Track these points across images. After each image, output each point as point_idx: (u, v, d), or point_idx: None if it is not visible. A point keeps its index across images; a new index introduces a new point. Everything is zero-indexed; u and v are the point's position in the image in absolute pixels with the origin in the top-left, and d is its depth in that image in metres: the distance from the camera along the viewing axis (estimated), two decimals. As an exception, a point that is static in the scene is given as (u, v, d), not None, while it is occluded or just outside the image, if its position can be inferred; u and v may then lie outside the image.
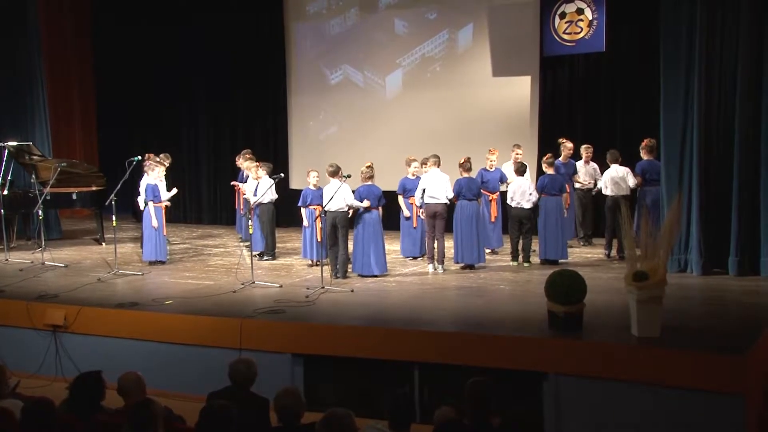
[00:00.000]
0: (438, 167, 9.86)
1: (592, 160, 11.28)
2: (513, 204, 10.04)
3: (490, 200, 10.85)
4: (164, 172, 11.20)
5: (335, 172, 9.43)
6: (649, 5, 10.58)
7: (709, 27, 8.86)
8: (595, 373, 6.35)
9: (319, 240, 9.64)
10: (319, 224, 9.65)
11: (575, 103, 12.56)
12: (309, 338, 7.37)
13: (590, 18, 12.11)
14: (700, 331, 6.89)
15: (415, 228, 10.55)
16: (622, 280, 6.83)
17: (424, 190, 9.81)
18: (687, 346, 6.35)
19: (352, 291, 8.73)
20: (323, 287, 8.67)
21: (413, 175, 10.52)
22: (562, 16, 12.32)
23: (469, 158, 9.97)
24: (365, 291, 8.83)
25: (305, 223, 10.14)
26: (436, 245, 9.82)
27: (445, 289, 8.91)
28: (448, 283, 9.17)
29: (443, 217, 9.78)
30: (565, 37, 12.31)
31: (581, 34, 12.19)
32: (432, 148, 10.87)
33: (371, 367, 7.07)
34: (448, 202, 9.78)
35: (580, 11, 12.18)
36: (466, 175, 9.86)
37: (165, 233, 10.68)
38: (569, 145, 11.22)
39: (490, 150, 10.98)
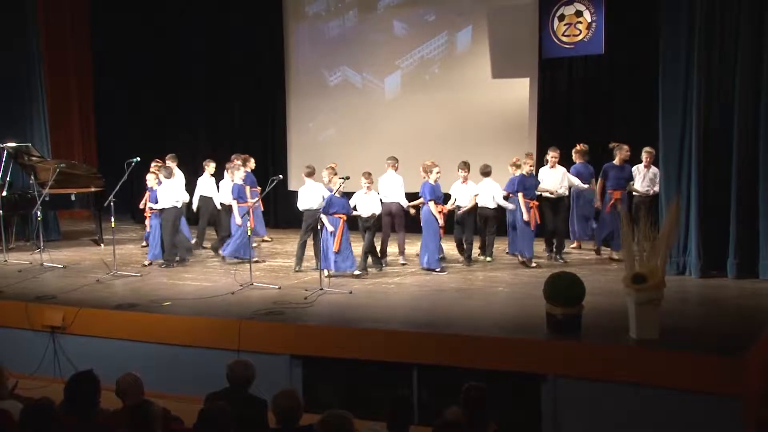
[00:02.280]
0: (394, 170, 10.38)
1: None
2: (482, 204, 10.36)
3: (531, 207, 10.19)
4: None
5: (311, 173, 10.02)
6: (647, 7, 10.59)
7: (708, 29, 8.86)
8: (593, 375, 6.36)
9: (336, 250, 9.43)
10: (339, 233, 9.46)
11: (574, 105, 12.55)
12: (307, 340, 7.37)
13: (589, 20, 12.11)
14: (698, 333, 6.91)
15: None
16: (620, 282, 6.84)
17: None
18: (685, 348, 6.36)
19: (351, 292, 8.73)
20: (321, 288, 8.67)
21: (435, 181, 10.04)
22: (561, 18, 12.31)
23: (433, 162, 10.33)
24: (363, 292, 8.83)
25: (330, 229, 9.50)
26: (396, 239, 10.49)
27: (443, 291, 8.91)
28: (446, 285, 9.17)
29: (400, 216, 10.38)
30: (564, 39, 12.31)
31: (580, 37, 12.19)
32: (431, 150, 10.87)
33: (370, 368, 7.07)
34: (400, 202, 10.34)
35: (578, 13, 12.18)
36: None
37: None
38: (625, 150, 10.54)
39: (527, 154, 10.96)
